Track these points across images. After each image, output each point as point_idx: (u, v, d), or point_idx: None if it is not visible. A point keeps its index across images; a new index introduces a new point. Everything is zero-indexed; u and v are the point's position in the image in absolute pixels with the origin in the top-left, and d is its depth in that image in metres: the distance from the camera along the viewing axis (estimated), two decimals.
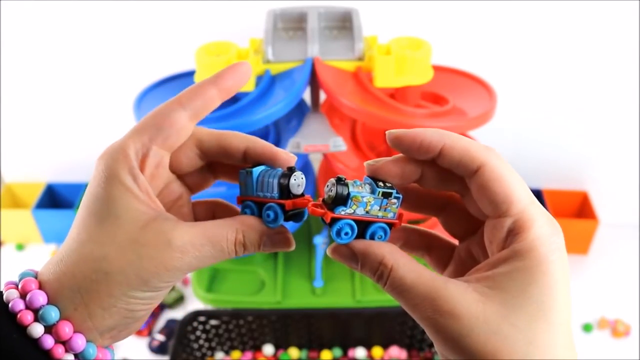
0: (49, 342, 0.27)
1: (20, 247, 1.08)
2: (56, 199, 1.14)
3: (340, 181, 0.30)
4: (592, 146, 1.04)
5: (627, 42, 0.91)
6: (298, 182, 0.31)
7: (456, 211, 0.32)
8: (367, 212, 0.30)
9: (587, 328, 0.91)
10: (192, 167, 0.33)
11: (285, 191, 0.31)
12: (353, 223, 0.30)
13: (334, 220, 0.30)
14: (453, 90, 0.81)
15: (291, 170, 0.31)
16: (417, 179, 0.31)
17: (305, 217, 0.32)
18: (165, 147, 0.31)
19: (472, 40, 0.95)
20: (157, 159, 0.30)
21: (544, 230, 0.26)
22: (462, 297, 0.26)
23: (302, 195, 0.31)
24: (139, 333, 0.91)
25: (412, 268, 0.28)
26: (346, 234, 0.30)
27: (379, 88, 0.75)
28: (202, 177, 0.34)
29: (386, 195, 0.30)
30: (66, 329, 0.28)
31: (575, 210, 1.09)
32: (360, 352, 0.89)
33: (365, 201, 0.30)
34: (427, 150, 0.29)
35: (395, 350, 0.88)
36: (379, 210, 0.31)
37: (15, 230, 1.07)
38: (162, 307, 0.96)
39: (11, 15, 0.94)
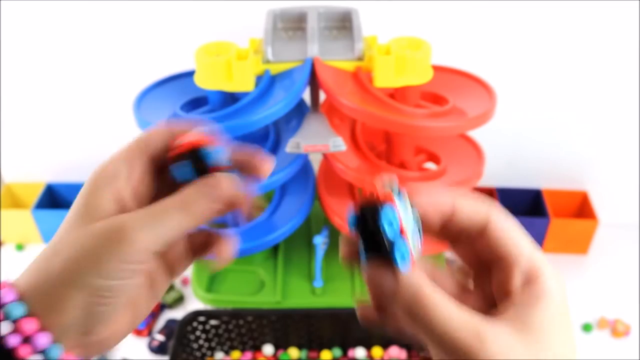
0: (14, 341, 0.28)
1: (20, 247, 1.08)
2: (56, 199, 1.13)
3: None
4: (592, 146, 1.04)
5: (627, 42, 0.91)
6: None
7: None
8: (405, 224, 0.27)
9: (586, 328, 0.91)
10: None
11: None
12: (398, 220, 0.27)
13: (384, 207, 0.26)
14: (453, 90, 0.81)
15: None
16: None
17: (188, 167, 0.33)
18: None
19: (472, 40, 0.95)
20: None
21: (550, 272, 0.30)
22: (501, 332, 0.28)
23: None
24: (139, 333, 0.91)
25: (450, 302, 0.29)
26: (391, 225, 0.27)
27: (379, 88, 0.75)
28: None
29: (418, 221, 0.29)
30: (30, 325, 0.28)
31: (575, 210, 1.09)
32: (360, 352, 0.89)
33: (407, 209, 0.28)
34: (441, 218, 0.31)
35: (395, 350, 0.88)
36: (412, 234, 0.28)
37: (15, 231, 1.07)
38: (161, 307, 0.96)
39: (11, 15, 0.94)
